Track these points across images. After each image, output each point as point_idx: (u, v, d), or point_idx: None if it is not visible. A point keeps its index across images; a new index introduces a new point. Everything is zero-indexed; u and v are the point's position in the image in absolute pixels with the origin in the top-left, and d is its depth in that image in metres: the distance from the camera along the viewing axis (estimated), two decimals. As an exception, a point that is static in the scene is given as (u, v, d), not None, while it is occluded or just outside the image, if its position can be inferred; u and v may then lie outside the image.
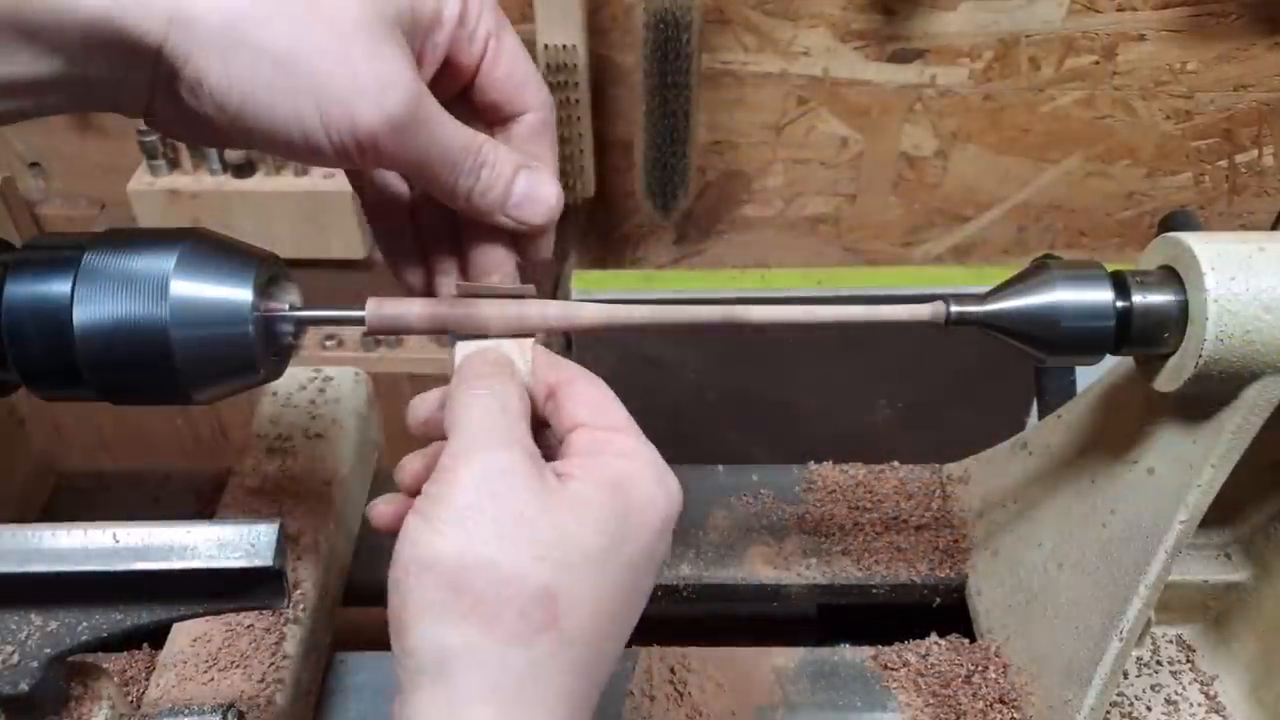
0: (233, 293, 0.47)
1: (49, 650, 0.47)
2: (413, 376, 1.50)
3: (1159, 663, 0.74)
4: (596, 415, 0.47)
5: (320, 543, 0.73)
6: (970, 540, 0.79)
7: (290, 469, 0.77)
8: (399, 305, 0.51)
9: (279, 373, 0.52)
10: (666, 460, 0.46)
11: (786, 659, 0.73)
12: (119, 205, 1.42)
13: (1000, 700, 0.69)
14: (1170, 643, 0.76)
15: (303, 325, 0.51)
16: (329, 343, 1.52)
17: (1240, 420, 0.54)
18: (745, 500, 0.84)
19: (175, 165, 1.37)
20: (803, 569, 0.79)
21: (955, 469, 0.84)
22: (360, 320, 0.50)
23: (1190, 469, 0.56)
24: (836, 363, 1.41)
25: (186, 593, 0.47)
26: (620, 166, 1.44)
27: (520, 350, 0.50)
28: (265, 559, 0.46)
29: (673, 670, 0.72)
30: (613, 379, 0.48)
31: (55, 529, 0.46)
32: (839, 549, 0.80)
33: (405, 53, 0.45)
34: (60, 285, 0.46)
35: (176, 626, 0.67)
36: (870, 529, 0.81)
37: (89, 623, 0.47)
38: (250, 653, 0.66)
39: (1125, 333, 0.53)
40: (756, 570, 0.79)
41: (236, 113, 0.44)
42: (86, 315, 0.46)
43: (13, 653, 0.47)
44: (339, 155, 0.45)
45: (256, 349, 0.48)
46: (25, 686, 0.47)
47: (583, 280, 1.45)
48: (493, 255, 0.52)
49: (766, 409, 1.49)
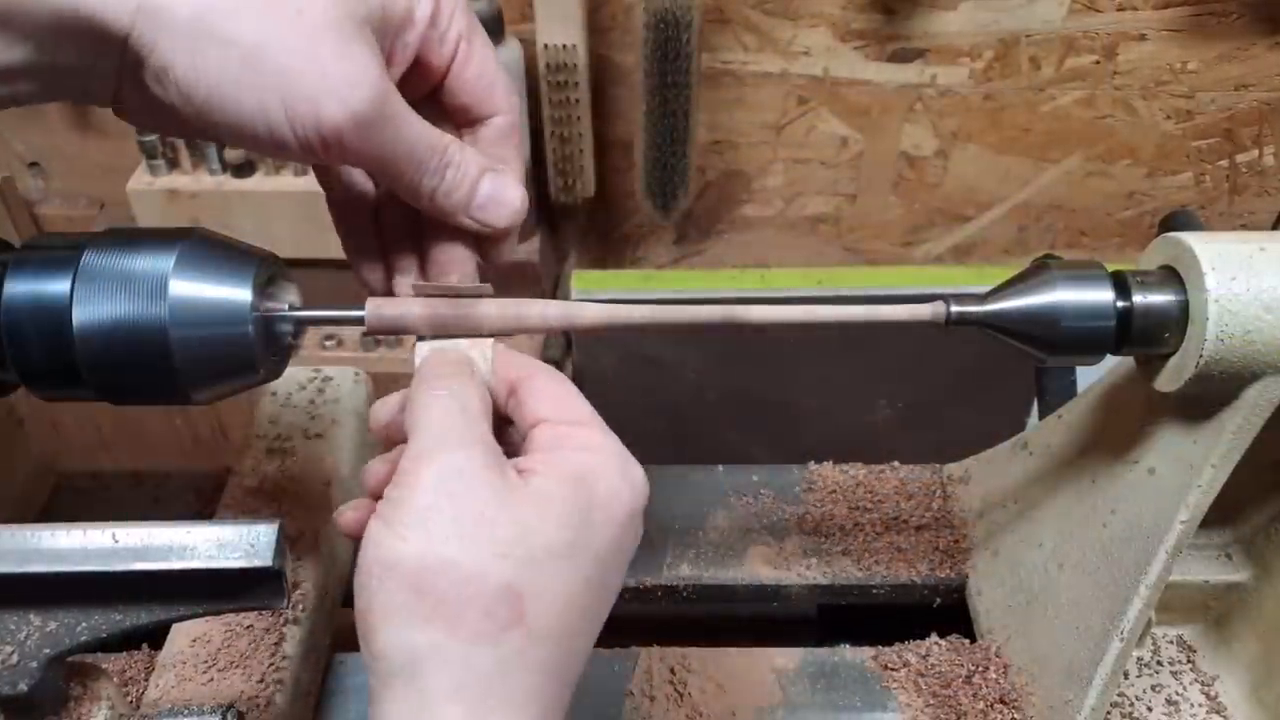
0: (232, 293, 0.47)
1: (48, 650, 0.47)
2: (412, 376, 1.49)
3: (1159, 663, 0.74)
4: (558, 410, 0.47)
5: (320, 543, 0.73)
6: (970, 540, 0.79)
7: (290, 469, 0.77)
8: (398, 305, 0.51)
9: (278, 373, 0.52)
10: (667, 460, 0.46)
11: (786, 659, 0.73)
12: (118, 205, 1.42)
13: (1000, 700, 0.69)
14: (1171, 643, 0.76)
15: (302, 325, 0.51)
16: (328, 343, 1.52)
17: (1241, 420, 0.54)
18: (745, 500, 0.83)
19: (174, 165, 1.36)
20: (803, 569, 0.79)
21: (955, 469, 0.84)
22: (360, 320, 0.50)
23: (1191, 469, 0.56)
24: (836, 363, 1.41)
25: (186, 593, 0.47)
26: (620, 166, 1.44)
27: (480, 349, 0.50)
28: (265, 559, 0.46)
29: (673, 670, 0.71)
30: (613, 379, 0.48)
31: (54, 529, 0.46)
32: (839, 549, 0.80)
33: (374, 51, 0.45)
34: (59, 285, 0.46)
35: (176, 627, 0.67)
36: (870, 529, 0.81)
37: (88, 623, 0.47)
38: (250, 653, 0.66)
39: (1126, 333, 0.53)
40: (756, 570, 0.79)
41: (203, 104, 0.44)
42: (86, 315, 0.46)
43: (12, 653, 0.47)
44: (304, 150, 0.45)
45: (256, 349, 0.48)
46: (25, 687, 0.47)
47: (583, 280, 1.45)
48: (453, 254, 0.52)
49: (766, 409, 1.49)
